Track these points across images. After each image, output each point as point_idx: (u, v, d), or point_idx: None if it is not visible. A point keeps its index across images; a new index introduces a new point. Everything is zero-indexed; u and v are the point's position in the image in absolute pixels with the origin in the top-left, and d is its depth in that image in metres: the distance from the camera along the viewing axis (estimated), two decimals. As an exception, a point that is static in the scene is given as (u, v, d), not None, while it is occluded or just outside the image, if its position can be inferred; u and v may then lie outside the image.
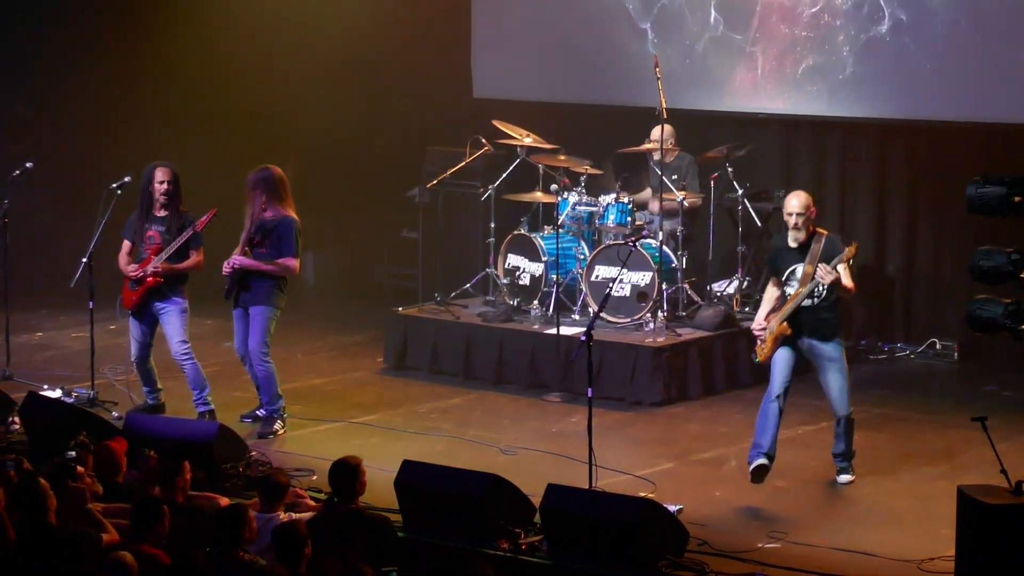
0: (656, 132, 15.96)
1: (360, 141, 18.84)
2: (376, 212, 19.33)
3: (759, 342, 12.42)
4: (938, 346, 16.57)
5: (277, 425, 13.78)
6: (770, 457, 12.10)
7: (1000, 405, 13.82)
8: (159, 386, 14.14)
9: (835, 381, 12.36)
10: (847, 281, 12.16)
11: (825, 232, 12.36)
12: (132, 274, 13.78)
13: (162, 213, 13.84)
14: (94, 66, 18.32)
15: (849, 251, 12.09)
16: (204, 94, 18.63)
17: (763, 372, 15.45)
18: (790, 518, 11.65)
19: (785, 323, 12.25)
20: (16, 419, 13.45)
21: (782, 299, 12.38)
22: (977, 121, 16.00)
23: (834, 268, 11.96)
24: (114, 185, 14.95)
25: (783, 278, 12.40)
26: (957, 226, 15.75)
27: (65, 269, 15.16)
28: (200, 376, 14.02)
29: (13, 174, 15.75)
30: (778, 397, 12.25)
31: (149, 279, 13.71)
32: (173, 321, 13.91)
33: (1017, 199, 10.17)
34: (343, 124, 18.82)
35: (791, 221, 12.25)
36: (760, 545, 11.06)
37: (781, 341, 12.31)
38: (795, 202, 12.29)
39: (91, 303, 14.66)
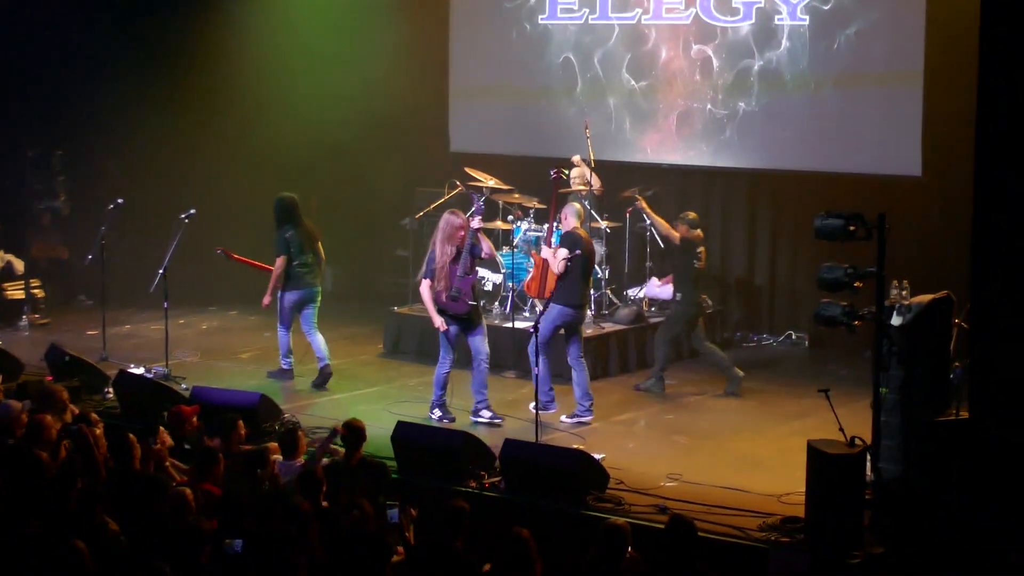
0: (574, 173, 15.98)
1: (366, 183, 18.81)
2: (377, 236, 19.30)
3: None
4: (793, 337, 16.64)
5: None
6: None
7: (839, 381, 13.84)
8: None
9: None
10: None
11: None
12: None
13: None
14: (165, 126, 18.25)
15: None
16: (248, 148, 18.56)
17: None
18: (685, 464, 11.68)
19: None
20: (110, 390, 13.45)
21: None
22: (823, 171, 16.05)
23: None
24: (183, 216, 15.01)
25: None
26: (807, 248, 15.78)
27: (146, 278, 15.15)
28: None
29: (108, 207, 15.74)
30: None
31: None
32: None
33: (852, 228, 10.25)
34: (353, 170, 18.79)
35: None
36: (662, 484, 11.10)
37: None
38: None
39: (166, 303, 14.68)
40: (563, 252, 13.17)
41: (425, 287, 12.99)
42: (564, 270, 13.16)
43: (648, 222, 16.06)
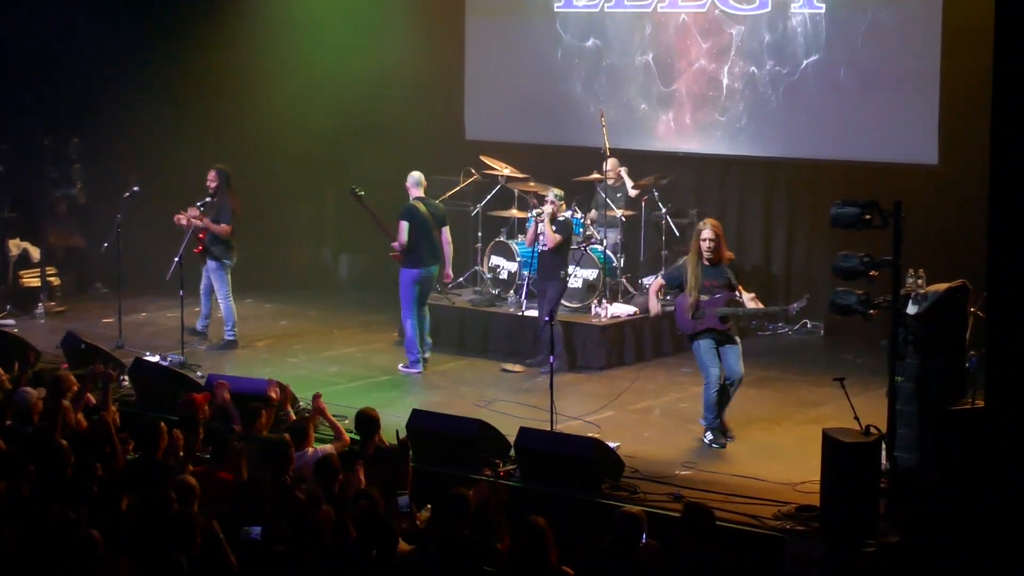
0: (609, 163, 16.04)
1: (382, 171, 18.74)
2: (392, 224, 19.29)
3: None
4: (809, 326, 16.61)
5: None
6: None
7: (855, 369, 13.84)
8: None
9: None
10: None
11: None
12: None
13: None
14: (181, 114, 18.27)
15: None
16: (264, 137, 18.55)
17: (680, 342, 15.54)
18: (700, 452, 11.68)
19: None
20: (126, 378, 13.45)
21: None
22: (838, 159, 16.06)
23: None
24: (198, 204, 15.08)
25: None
26: (823, 237, 15.77)
27: (162, 266, 15.18)
28: None
29: (124, 196, 15.78)
30: None
31: None
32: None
33: (867, 217, 10.23)
34: (370, 159, 18.78)
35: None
36: (677, 472, 11.10)
37: None
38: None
39: (181, 291, 14.73)
40: (404, 224, 14.44)
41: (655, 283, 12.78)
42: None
43: (663, 211, 16.07)
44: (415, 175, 14.81)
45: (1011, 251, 9.21)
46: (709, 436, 12.00)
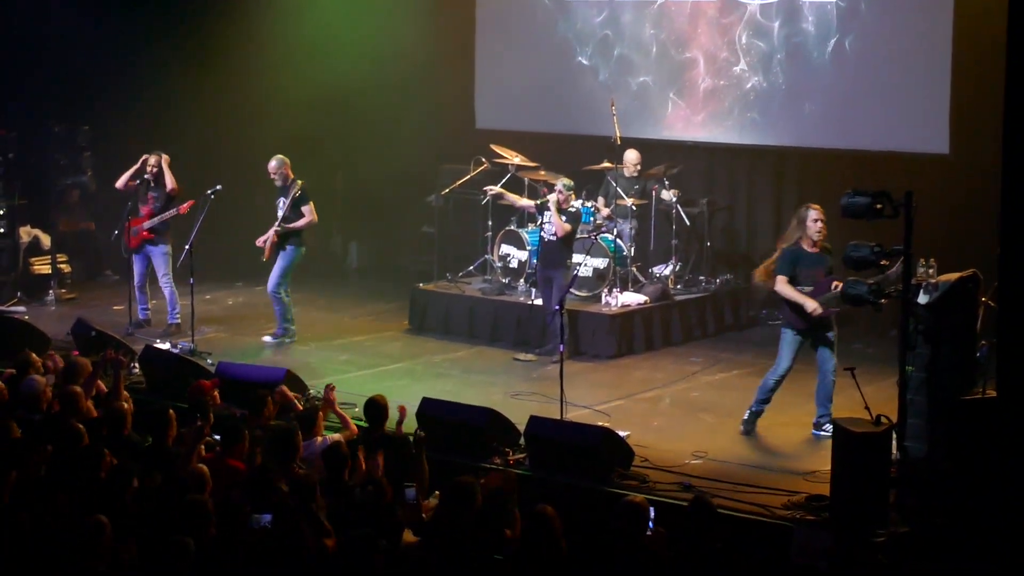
0: (628, 155, 15.98)
1: (392, 160, 18.77)
2: (403, 213, 19.28)
3: None
4: (820, 315, 16.52)
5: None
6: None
7: (865, 359, 13.77)
8: None
9: None
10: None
11: None
12: None
13: None
14: (191, 102, 18.24)
15: None
16: (274, 124, 18.49)
17: (690, 331, 15.52)
18: (710, 442, 11.66)
19: None
20: (136, 365, 13.44)
21: None
22: (848, 148, 16.01)
23: None
24: (209, 192, 15.06)
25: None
26: (833, 226, 15.63)
27: (173, 254, 15.17)
28: None
29: (135, 183, 15.75)
30: None
31: None
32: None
33: (878, 206, 10.18)
34: (381, 147, 18.77)
35: None
36: (687, 461, 11.08)
37: None
38: None
39: (191, 279, 14.70)
40: (311, 205, 14.93)
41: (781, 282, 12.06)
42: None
43: (674, 200, 16.03)
44: (285, 159, 15.14)
45: (1022, 240, 9.18)
46: (745, 417, 12.11)
